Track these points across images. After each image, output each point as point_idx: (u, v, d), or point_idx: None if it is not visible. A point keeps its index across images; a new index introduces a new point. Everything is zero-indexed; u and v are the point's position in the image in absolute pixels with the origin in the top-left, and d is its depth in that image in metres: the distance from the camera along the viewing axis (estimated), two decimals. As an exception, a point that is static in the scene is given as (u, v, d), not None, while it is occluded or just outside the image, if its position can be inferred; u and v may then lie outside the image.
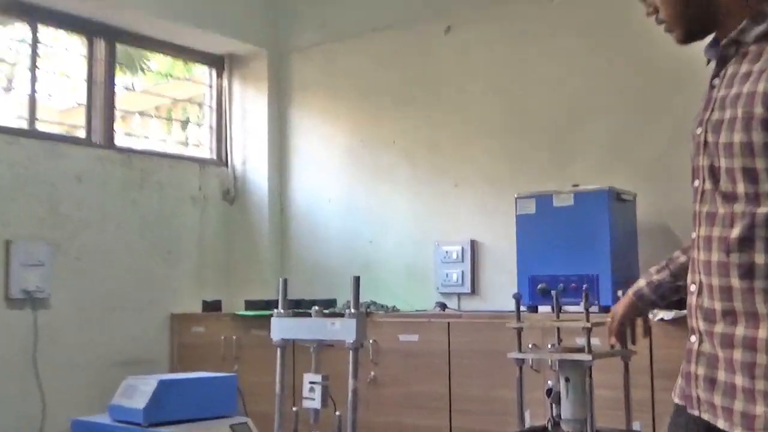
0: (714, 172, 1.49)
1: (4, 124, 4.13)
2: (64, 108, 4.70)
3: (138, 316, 4.51)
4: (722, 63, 1.52)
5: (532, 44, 4.12)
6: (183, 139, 5.29)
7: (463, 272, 4.22)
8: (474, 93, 4.29)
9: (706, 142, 1.50)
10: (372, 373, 3.72)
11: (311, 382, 2.71)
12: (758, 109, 1.39)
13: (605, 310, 3.25)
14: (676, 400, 1.64)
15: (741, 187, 1.43)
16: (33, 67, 4.25)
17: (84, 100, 4.53)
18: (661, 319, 2.98)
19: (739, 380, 1.44)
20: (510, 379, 2.68)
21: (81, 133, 4.51)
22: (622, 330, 2.12)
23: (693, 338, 1.56)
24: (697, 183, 1.55)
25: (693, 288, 1.56)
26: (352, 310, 2.62)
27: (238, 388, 3.33)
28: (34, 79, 4.25)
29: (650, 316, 2.82)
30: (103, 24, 4.54)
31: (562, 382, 2.58)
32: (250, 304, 4.41)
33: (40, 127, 4.27)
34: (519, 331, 2.62)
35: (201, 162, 5.01)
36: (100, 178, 4.40)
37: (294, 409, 2.76)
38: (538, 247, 3.50)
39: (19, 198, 4.03)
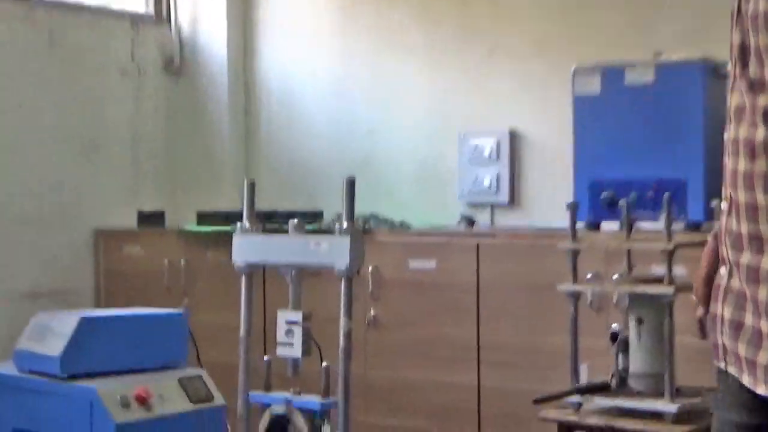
0: (744, 53, 1.55)
1: None
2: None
3: (52, 232, 4.57)
4: None
5: None
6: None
7: (498, 175, 4.22)
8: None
9: (739, 11, 1.56)
10: (372, 311, 3.76)
11: (288, 322, 2.74)
12: None
13: (695, 228, 3.26)
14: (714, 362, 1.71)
15: None
16: None
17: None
18: None
19: (765, 325, 1.50)
20: (560, 321, 2.71)
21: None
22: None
23: (722, 270, 1.63)
24: (729, 66, 1.62)
25: (724, 205, 1.62)
26: (345, 225, 2.61)
27: (188, 331, 3.37)
28: None
29: None
30: None
31: (633, 324, 2.61)
32: (203, 217, 4.45)
33: None
34: (575, 254, 2.64)
35: (133, 19, 5.00)
36: (2, 40, 4.41)
37: (265, 358, 2.80)
38: (603, 140, 3.47)
39: None
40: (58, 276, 4.57)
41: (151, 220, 4.72)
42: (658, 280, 2.60)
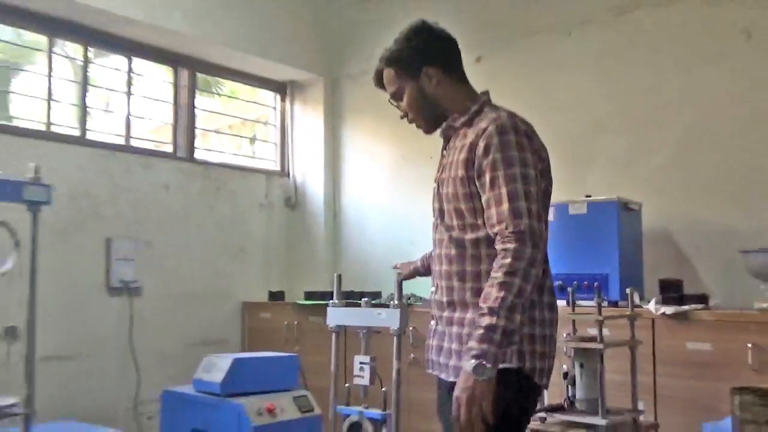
0: (441, 212, 1.88)
1: (105, 140, 4.23)
2: (153, 127, 4.77)
3: (215, 304, 4.58)
4: (447, 140, 1.94)
5: (553, 71, 4.11)
6: (251, 154, 5.35)
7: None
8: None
9: (438, 193, 1.89)
10: (412, 355, 3.74)
11: (361, 363, 2.72)
12: (459, 171, 1.80)
13: (614, 304, 3.25)
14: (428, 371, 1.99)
15: (454, 221, 1.83)
16: (128, 92, 4.36)
17: (170, 120, 4.63)
18: (664, 313, 2.98)
19: (455, 345, 1.81)
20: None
21: (168, 148, 4.59)
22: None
23: (432, 323, 1.94)
24: (433, 219, 1.93)
25: (433, 288, 1.94)
26: (396, 302, 2.62)
27: (299, 366, 3.39)
28: (129, 103, 4.35)
29: (653, 310, 2.84)
30: (186, 56, 4.63)
31: (577, 367, 2.59)
32: (308, 295, 4.45)
33: (134, 143, 4.37)
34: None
35: (267, 173, 5.06)
36: (183, 187, 4.48)
37: (346, 385, 2.77)
38: (555, 249, 3.43)
39: (118, 203, 4.13)
40: (219, 331, 4.58)
41: (276, 296, 4.72)
42: (592, 339, 2.60)
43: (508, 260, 1.65)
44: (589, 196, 3.46)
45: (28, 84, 4.14)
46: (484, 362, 1.60)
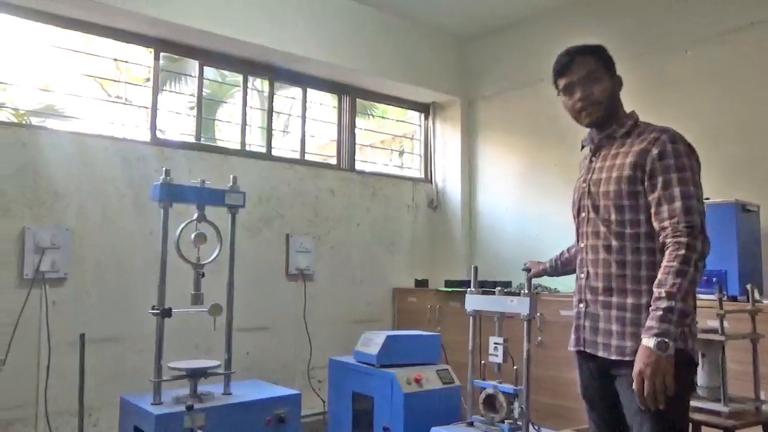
0: (596, 208, 1.80)
1: (284, 156, 4.40)
2: (322, 144, 4.92)
3: (371, 288, 4.62)
4: (597, 149, 1.85)
5: (668, 87, 3.81)
6: (400, 164, 5.38)
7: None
8: (620, 126, 4.04)
9: (590, 192, 1.81)
10: (539, 338, 3.59)
11: (495, 343, 2.69)
12: (626, 172, 1.73)
13: (732, 299, 2.94)
14: (570, 348, 1.90)
15: (613, 216, 1.75)
16: (303, 116, 4.51)
17: (335, 137, 4.73)
18: (783, 308, 2.65)
19: (616, 327, 1.72)
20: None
21: (333, 161, 4.70)
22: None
23: (581, 305, 1.84)
24: (582, 215, 1.84)
25: (582, 275, 1.83)
26: (526, 291, 2.54)
27: (441, 344, 3.35)
28: (303, 124, 4.50)
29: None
30: (348, 85, 4.72)
31: (699, 357, 2.36)
32: (448, 283, 4.39)
33: (308, 157, 4.51)
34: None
35: (413, 180, 5.05)
36: (346, 192, 4.56)
37: (482, 362, 2.74)
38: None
39: (295, 206, 4.27)
40: (374, 311, 4.62)
41: (421, 283, 4.70)
42: (713, 331, 2.36)
43: (683, 251, 1.59)
44: (708, 199, 3.14)
45: (228, 113, 4.38)
46: (666, 340, 1.54)
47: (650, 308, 1.60)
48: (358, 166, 4.79)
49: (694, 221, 1.62)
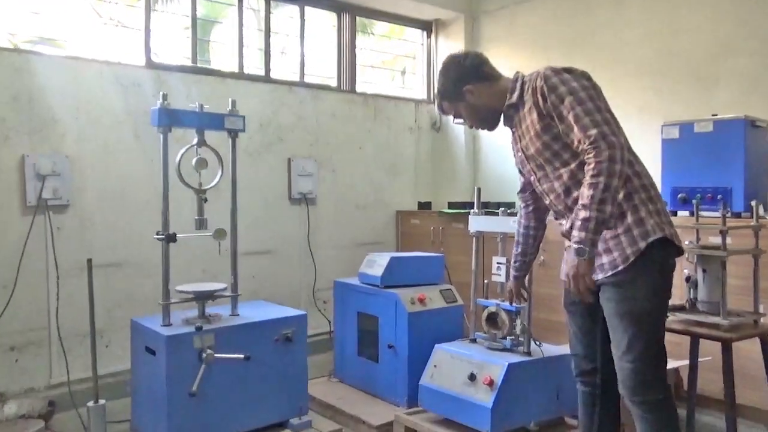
0: (540, 166, 1.96)
1: (283, 78, 4.30)
2: (321, 65, 4.80)
3: (374, 211, 4.65)
4: (512, 124, 2.04)
5: (681, -2, 3.68)
6: (402, 85, 5.28)
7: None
8: (629, 39, 3.91)
9: (527, 156, 1.99)
10: (542, 257, 3.62)
11: (498, 263, 2.73)
12: (537, 126, 1.90)
13: (737, 216, 2.94)
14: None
15: (555, 163, 1.89)
16: (301, 35, 4.39)
17: (335, 58, 4.63)
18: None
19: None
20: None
21: (333, 83, 4.61)
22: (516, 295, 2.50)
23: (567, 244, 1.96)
24: (533, 177, 2.00)
25: (564, 222, 1.96)
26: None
27: (444, 264, 3.39)
28: (302, 45, 4.38)
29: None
30: (347, 3, 4.58)
31: (700, 272, 2.39)
32: (451, 205, 4.42)
33: (307, 79, 4.42)
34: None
35: (416, 101, 4.98)
36: (347, 114, 4.50)
37: (485, 281, 2.79)
38: (680, 164, 3.19)
39: (296, 129, 4.23)
40: (378, 234, 4.66)
41: (424, 206, 4.72)
42: (716, 247, 2.37)
43: (592, 164, 1.74)
44: (716, 115, 3.10)
45: (223, 34, 4.26)
46: (583, 246, 1.73)
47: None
48: (359, 87, 4.70)
49: (594, 134, 1.75)
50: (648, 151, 3.72)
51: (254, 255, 3.97)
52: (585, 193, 1.73)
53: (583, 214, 1.72)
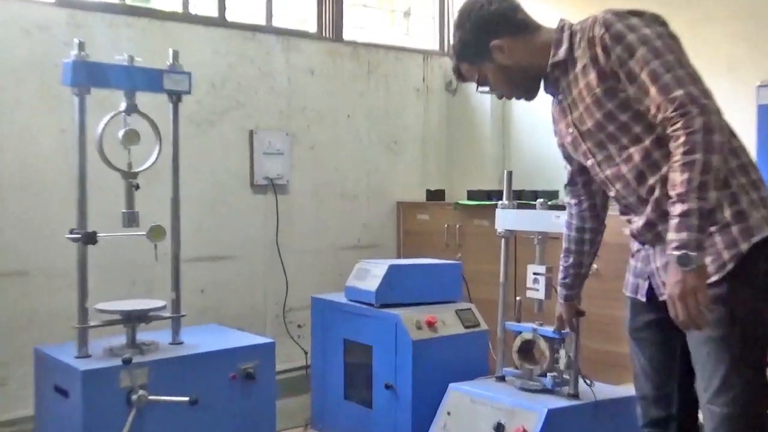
0: (600, 145, 1.94)
1: (244, 21, 4.30)
2: (296, 2, 4.76)
3: (367, 204, 4.67)
4: (558, 90, 2.01)
5: None
6: (406, 30, 5.27)
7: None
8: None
9: (582, 133, 1.97)
10: (595, 265, 3.59)
11: (535, 273, 2.71)
12: (597, 89, 1.85)
13: None
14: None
15: (623, 140, 1.88)
16: (268, -37, 4.38)
17: (314, -6, 4.63)
18: None
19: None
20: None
21: (312, 27, 4.61)
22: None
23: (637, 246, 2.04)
24: (590, 160, 1.99)
25: (633, 218, 1.98)
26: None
27: (462, 275, 3.39)
28: (269, -24, 4.38)
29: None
30: None
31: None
32: (472, 194, 4.43)
33: (276, 23, 4.42)
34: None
35: (424, 53, 4.99)
36: (330, 71, 4.52)
37: (517, 298, 2.79)
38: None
39: (260, 91, 4.24)
40: (373, 234, 4.68)
41: (436, 195, 4.74)
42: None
43: (682, 138, 1.68)
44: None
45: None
46: (687, 252, 1.65)
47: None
48: (347, 34, 4.71)
49: (681, 96, 1.70)
50: (740, 120, 3.75)
51: (204, 262, 3.98)
52: (677, 178, 1.67)
53: (679, 208, 1.66)
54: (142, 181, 2.79)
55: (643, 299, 2.00)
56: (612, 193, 2.00)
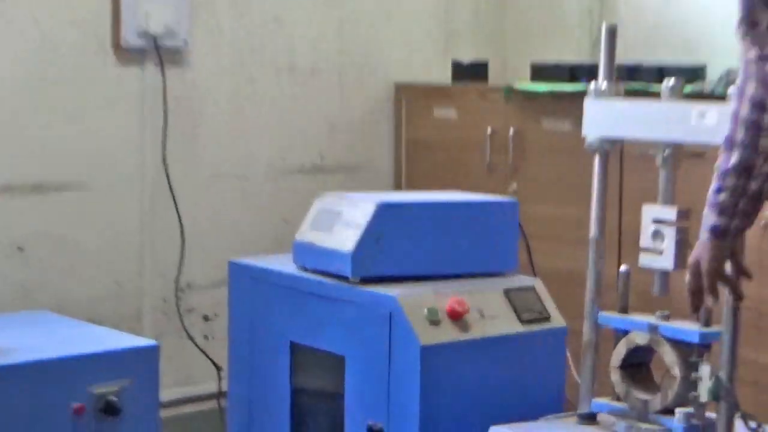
0: None
1: None
2: None
3: (339, 86, 4.69)
4: None
5: None
6: None
7: None
8: None
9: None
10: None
11: (657, 221, 2.74)
12: None
13: None
14: None
15: None
16: None
17: None
18: None
19: None
20: None
21: None
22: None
23: None
24: None
25: None
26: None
27: (519, 226, 3.38)
28: None
29: None
30: None
31: None
32: (539, 71, 4.44)
33: None
34: None
35: None
36: None
37: (621, 268, 2.80)
38: None
39: None
40: (349, 146, 4.70)
41: (470, 73, 4.74)
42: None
43: None
44: None
45: None
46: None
47: None
48: None
49: None
50: None
51: (24, 194, 3.99)
52: None
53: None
54: None
55: None
56: None
